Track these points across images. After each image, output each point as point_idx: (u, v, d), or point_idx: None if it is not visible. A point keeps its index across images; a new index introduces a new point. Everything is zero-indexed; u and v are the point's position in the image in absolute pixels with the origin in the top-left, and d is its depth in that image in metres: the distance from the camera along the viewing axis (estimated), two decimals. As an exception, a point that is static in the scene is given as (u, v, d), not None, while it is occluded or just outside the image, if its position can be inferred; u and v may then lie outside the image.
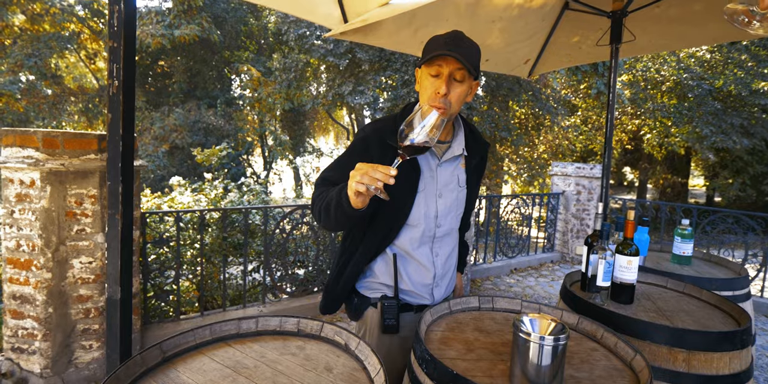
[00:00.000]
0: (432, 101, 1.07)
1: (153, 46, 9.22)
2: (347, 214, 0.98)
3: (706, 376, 1.15)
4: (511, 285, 4.27)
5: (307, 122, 13.77)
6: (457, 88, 1.07)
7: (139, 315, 2.43)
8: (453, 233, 1.28)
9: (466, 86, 1.09)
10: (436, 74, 1.06)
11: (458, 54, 1.01)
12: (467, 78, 1.07)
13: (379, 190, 0.87)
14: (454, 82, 1.06)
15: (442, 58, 1.04)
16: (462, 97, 1.09)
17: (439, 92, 1.05)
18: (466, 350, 1.00)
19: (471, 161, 1.26)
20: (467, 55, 1.04)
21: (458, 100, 1.08)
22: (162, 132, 9.78)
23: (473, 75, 1.07)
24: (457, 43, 1.04)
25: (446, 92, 1.04)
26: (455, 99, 1.07)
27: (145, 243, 2.53)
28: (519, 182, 11.17)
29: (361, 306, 1.24)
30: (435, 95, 1.06)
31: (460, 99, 1.09)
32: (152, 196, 3.74)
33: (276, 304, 3.11)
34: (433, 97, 1.06)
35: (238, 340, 0.97)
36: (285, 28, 9.05)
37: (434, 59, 1.05)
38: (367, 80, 8.43)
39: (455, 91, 1.06)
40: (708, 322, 1.31)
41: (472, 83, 1.11)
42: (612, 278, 1.42)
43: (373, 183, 0.86)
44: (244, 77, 11.49)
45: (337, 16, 2.19)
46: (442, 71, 1.05)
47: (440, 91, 1.04)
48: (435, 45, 1.06)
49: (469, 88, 1.11)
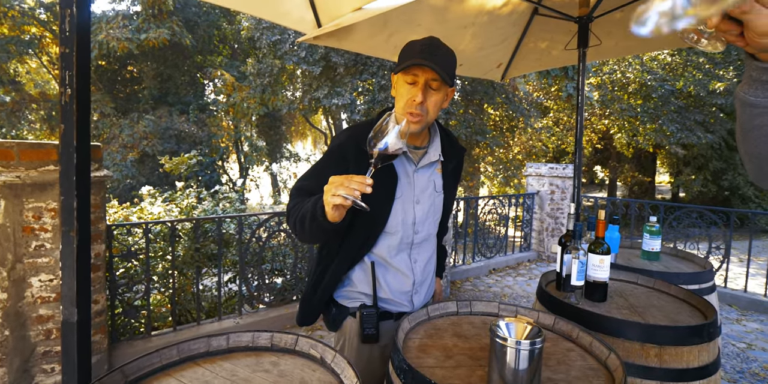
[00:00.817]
0: (408, 108, 1.06)
1: (119, 51, 8.92)
2: (323, 227, 0.96)
3: (678, 370, 1.18)
4: (491, 285, 4.32)
5: (283, 127, 13.61)
6: (433, 96, 1.07)
7: (105, 333, 2.32)
8: (431, 239, 1.28)
9: (442, 94, 1.09)
10: (413, 82, 1.06)
11: (434, 64, 1.01)
12: (443, 86, 1.07)
13: (358, 200, 0.86)
14: (430, 90, 1.06)
15: (418, 66, 1.03)
16: (438, 105, 1.09)
17: (415, 100, 1.04)
18: (445, 357, 0.99)
19: (447, 166, 1.26)
20: (443, 63, 1.04)
21: (434, 108, 1.09)
22: (131, 139, 9.45)
23: (449, 83, 1.07)
24: (433, 51, 1.03)
25: (422, 100, 1.04)
26: (431, 107, 1.07)
27: (112, 257, 2.41)
28: (495, 183, 11.37)
29: (339, 316, 1.22)
30: (411, 103, 1.05)
31: (437, 107, 1.09)
32: (120, 208, 3.60)
33: (253, 315, 3.03)
34: (410, 104, 1.06)
35: (208, 359, 0.93)
36: (258, 34, 8.93)
37: (411, 67, 1.05)
38: (344, 83, 8.41)
39: (431, 99, 1.07)
40: (677, 317, 1.35)
41: (448, 90, 1.11)
42: (585, 277, 1.44)
43: (351, 193, 0.85)
44: (218, 82, 11.27)
45: (311, 21, 2.17)
46: (419, 79, 1.05)
47: (416, 99, 1.04)
48: (411, 52, 1.05)
49: (445, 95, 1.11)
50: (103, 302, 2.32)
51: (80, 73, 0.79)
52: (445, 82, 1.05)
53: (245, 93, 9.65)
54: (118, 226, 2.51)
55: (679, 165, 12.01)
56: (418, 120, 1.07)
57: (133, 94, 11.54)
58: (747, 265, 3.91)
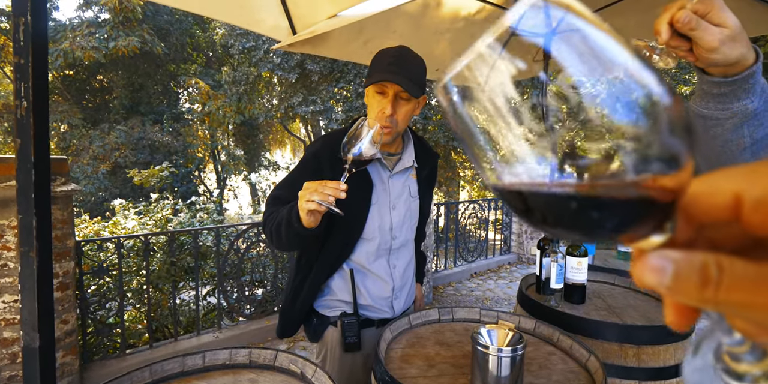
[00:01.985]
0: (379, 120, 1.08)
1: (85, 60, 8.64)
2: (299, 234, 0.96)
3: (655, 369, 1.21)
4: (472, 289, 4.34)
5: (261, 136, 13.43)
6: (403, 107, 1.08)
7: (77, 354, 2.21)
8: (409, 244, 1.28)
9: (413, 104, 1.10)
10: (382, 92, 1.07)
11: (402, 77, 1.02)
12: (413, 96, 1.08)
13: (333, 205, 0.87)
14: (400, 101, 1.07)
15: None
16: (409, 115, 1.11)
17: (385, 112, 1.06)
18: (428, 366, 0.98)
19: (422, 172, 1.28)
20: (412, 75, 1.05)
21: (404, 118, 1.10)
22: (102, 151, 9.14)
23: (418, 95, 1.08)
24: (401, 64, 1.05)
25: (392, 113, 1.06)
26: (401, 117, 1.09)
27: (82, 274, 2.31)
28: (475, 187, 11.51)
29: (320, 326, 1.21)
30: (381, 115, 1.07)
31: (407, 117, 1.11)
32: (91, 222, 3.46)
33: (233, 328, 2.95)
34: (380, 116, 1.07)
35: (183, 379, 0.89)
36: (232, 41, 8.83)
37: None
38: (319, 90, 8.39)
39: (401, 110, 1.08)
40: (654, 316, 1.38)
41: (419, 99, 1.12)
42: (564, 280, 1.46)
43: (325, 199, 0.86)
44: (192, 91, 11.06)
45: (285, 28, 2.15)
46: (387, 91, 1.06)
47: (386, 111, 1.06)
48: (380, 65, 1.07)
49: (416, 104, 1.12)
50: (73, 322, 2.21)
51: (37, 85, 0.75)
52: (414, 93, 1.06)
53: (221, 101, 9.50)
54: (88, 241, 2.41)
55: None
56: (389, 131, 1.09)
57: (104, 104, 11.19)
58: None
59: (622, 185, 0.17)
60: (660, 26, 0.54)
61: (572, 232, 0.19)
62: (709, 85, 0.59)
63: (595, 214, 0.17)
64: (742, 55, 0.54)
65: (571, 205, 0.17)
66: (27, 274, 0.76)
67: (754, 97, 0.57)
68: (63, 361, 2.15)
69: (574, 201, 0.17)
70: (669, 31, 0.54)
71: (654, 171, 0.16)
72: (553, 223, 0.19)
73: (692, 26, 0.52)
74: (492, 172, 0.19)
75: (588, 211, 0.17)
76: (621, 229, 0.18)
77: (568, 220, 0.18)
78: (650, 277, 0.17)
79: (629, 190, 0.17)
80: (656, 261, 0.17)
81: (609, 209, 0.17)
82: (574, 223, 0.18)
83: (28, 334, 0.79)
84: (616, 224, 0.18)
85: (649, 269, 0.17)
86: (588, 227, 0.18)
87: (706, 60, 0.55)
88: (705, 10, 0.52)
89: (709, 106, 0.60)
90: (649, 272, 0.17)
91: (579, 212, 0.17)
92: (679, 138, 0.17)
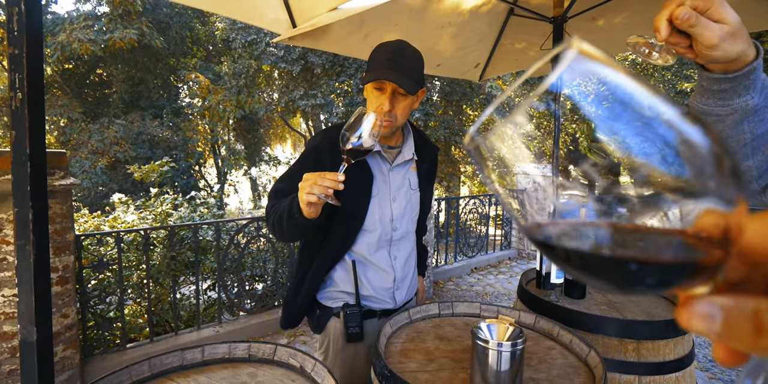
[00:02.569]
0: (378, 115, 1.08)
1: (82, 53, 8.58)
2: (300, 224, 0.98)
3: (655, 364, 1.20)
4: (473, 284, 4.35)
5: (261, 130, 13.39)
6: (401, 102, 1.09)
7: (77, 348, 2.22)
8: (410, 236, 1.29)
9: (411, 99, 1.11)
10: (380, 88, 1.08)
11: (398, 75, 1.03)
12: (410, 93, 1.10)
13: (330, 197, 0.88)
14: (398, 97, 1.09)
15: None
16: (407, 110, 1.12)
17: (383, 108, 1.07)
18: (427, 361, 0.98)
19: (422, 165, 1.29)
20: (409, 71, 1.06)
21: (403, 113, 1.11)
22: (101, 145, 9.11)
23: (415, 91, 1.09)
24: (398, 59, 1.06)
25: (390, 108, 1.07)
26: (400, 112, 1.10)
27: (81, 268, 2.31)
28: (475, 183, 11.49)
29: (323, 317, 1.22)
30: (380, 110, 1.08)
31: (405, 112, 1.12)
32: (91, 217, 3.46)
33: (234, 322, 2.95)
34: (379, 112, 1.08)
35: (182, 373, 0.89)
36: (233, 34, 8.77)
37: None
38: (320, 85, 8.34)
39: (399, 105, 1.09)
40: (654, 311, 1.38)
41: (418, 93, 1.13)
42: (564, 274, 1.46)
43: (323, 191, 0.88)
44: (192, 85, 11.00)
45: (286, 21, 2.13)
46: (386, 87, 1.07)
47: (384, 107, 1.07)
48: (377, 61, 1.08)
49: (415, 98, 1.13)
50: (73, 316, 2.22)
51: (31, 76, 0.74)
52: (412, 90, 1.07)
53: (221, 95, 9.46)
54: (88, 235, 2.40)
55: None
56: (388, 125, 1.10)
57: (103, 98, 11.13)
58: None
59: (672, 232, 0.16)
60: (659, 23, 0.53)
61: (614, 289, 0.18)
62: (709, 81, 0.58)
63: (643, 276, 0.16)
64: (742, 52, 0.53)
65: (612, 266, 0.16)
66: (24, 267, 0.75)
67: (755, 93, 0.56)
68: (63, 355, 2.16)
69: (617, 263, 0.16)
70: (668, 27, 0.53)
71: (704, 222, 0.15)
72: (595, 281, 0.18)
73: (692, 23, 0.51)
74: (526, 217, 0.19)
75: (637, 274, 0.16)
76: (667, 287, 0.17)
77: (608, 278, 0.17)
78: (698, 325, 0.16)
79: (679, 241, 0.16)
80: (704, 308, 0.16)
81: (658, 272, 0.16)
82: (616, 283, 0.17)
83: (25, 327, 0.78)
84: (663, 283, 0.17)
85: (697, 316, 0.16)
86: (635, 287, 0.17)
87: (705, 57, 0.54)
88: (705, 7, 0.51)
89: (709, 102, 0.59)
90: (696, 319, 0.16)
91: (624, 274, 0.16)
92: (727, 181, 0.16)
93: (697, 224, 0.16)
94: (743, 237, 0.17)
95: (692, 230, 0.16)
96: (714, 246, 0.16)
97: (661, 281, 0.17)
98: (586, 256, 0.17)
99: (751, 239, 0.17)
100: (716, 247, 0.16)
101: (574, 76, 0.17)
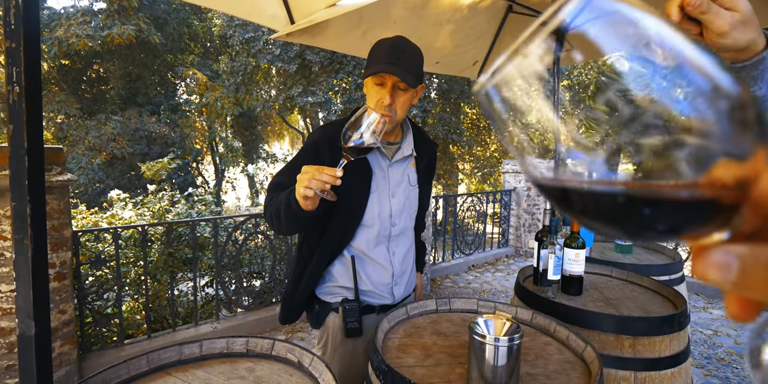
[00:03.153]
0: (378, 110, 1.10)
1: (80, 48, 8.52)
2: (298, 216, 0.99)
3: (651, 359, 1.21)
4: (470, 281, 4.36)
5: (259, 127, 13.35)
6: (401, 96, 1.10)
7: (75, 344, 2.22)
8: (408, 232, 1.30)
9: (410, 94, 1.12)
10: (380, 83, 1.09)
11: (399, 69, 1.04)
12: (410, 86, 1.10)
13: (327, 192, 0.89)
14: (398, 91, 1.09)
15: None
16: (407, 104, 1.13)
17: (383, 102, 1.08)
18: (425, 356, 0.98)
19: (421, 161, 1.29)
20: (409, 66, 1.07)
21: (403, 108, 1.12)
22: (98, 142, 9.06)
23: (416, 85, 1.10)
24: (398, 55, 1.06)
25: (390, 102, 1.08)
26: (400, 107, 1.11)
27: (79, 265, 2.31)
28: (473, 181, 11.51)
29: (322, 313, 1.23)
30: (380, 105, 1.09)
31: (405, 106, 1.12)
32: (89, 213, 3.45)
33: (231, 319, 2.96)
34: (379, 106, 1.09)
35: (181, 368, 0.89)
36: (231, 31, 8.72)
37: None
38: (319, 82, 8.32)
39: (399, 99, 1.10)
40: (650, 308, 1.39)
41: (416, 89, 1.14)
42: (562, 271, 1.47)
43: (320, 186, 0.89)
44: (190, 82, 10.95)
45: (284, 18, 2.13)
46: (386, 82, 1.08)
47: (384, 101, 1.07)
48: (377, 56, 1.08)
49: (414, 93, 1.14)
50: (71, 312, 2.21)
51: (29, 70, 0.74)
52: (412, 83, 1.07)
53: (218, 92, 9.42)
54: (86, 232, 2.40)
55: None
56: (388, 119, 1.10)
57: (100, 94, 11.07)
58: (712, 254, 4.09)
59: (685, 185, 0.15)
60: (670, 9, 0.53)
61: (626, 234, 0.18)
62: None
63: (655, 217, 0.16)
64: (752, 40, 0.53)
65: (623, 205, 0.16)
66: (22, 261, 0.75)
67: (763, 85, 0.57)
68: (61, 351, 2.16)
69: (629, 201, 0.16)
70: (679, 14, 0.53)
71: (722, 167, 0.15)
72: (604, 224, 0.17)
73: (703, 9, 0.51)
74: (535, 168, 0.18)
75: (648, 213, 0.16)
76: (683, 231, 0.17)
77: (618, 220, 0.17)
78: (714, 274, 0.16)
79: (693, 190, 0.15)
80: (720, 257, 0.16)
81: (672, 212, 0.16)
82: (628, 225, 0.17)
83: (24, 322, 0.78)
84: (678, 226, 0.16)
85: (713, 266, 0.16)
86: (651, 230, 0.16)
87: (715, 45, 0.54)
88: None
89: None
90: (712, 269, 0.16)
91: (634, 213, 0.16)
92: (749, 129, 0.15)
93: (715, 171, 0.15)
94: (759, 185, 0.16)
95: (709, 177, 0.15)
96: (730, 190, 0.16)
97: (674, 224, 0.16)
98: (599, 197, 0.16)
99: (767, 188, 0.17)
100: (732, 191, 0.16)
101: (590, 11, 0.16)
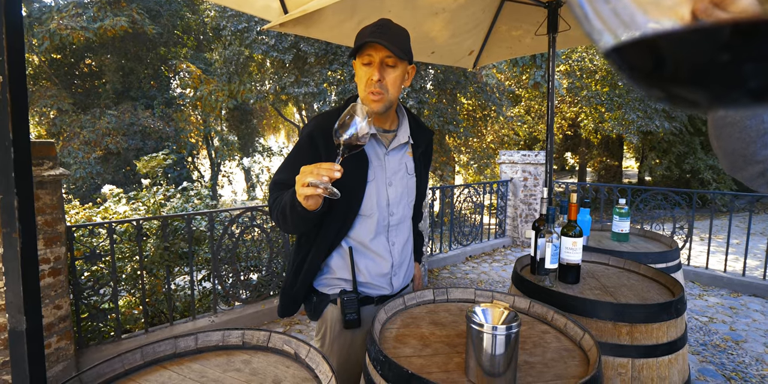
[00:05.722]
0: (368, 88, 1.08)
1: (74, 41, 8.38)
2: (303, 217, 0.98)
3: (648, 346, 1.22)
4: (467, 272, 4.38)
5: (255, 121, 13.25)
6: (390, 73, 1.08)
7: (71, 339, 2.21)
8: (406, 221, 1.29)
9: (401, 71, 1.10)
10: (368, 62, 1.07)
11: (384, 40, 1.02)
12: (400, 63, 1.09)
13: (329, 191, 0.87)
14: (387, 68, 1.07)
15: (370, 46, 1.05)
16: (398, 82, 1.10)
17: (372, 79, 1.06)
18: (422, 346, 0.98)
19: (417, 149, 1.28)
20: (395, 40, 1.05)
21: (394, 85, 1.09)
22: (93, 136, 8.97)
23: (405, 59, 1.08)
24: (383, 30, 1.05)
25: (380, 78, 1.06)
26: (390, 83, 1.08)
27: (74, 260, 2.29)
28: (470, 172, 11.50)
29: (320, 304, 1.22)
30: (369, 82, 1.07)
31: (396, 84, 1.10)
32: (82, 208, 3.42)
33: (229, 312, 2.96)
34: (369, 84, 1.07)
35: (176, 361, 0.88)
36: (224, 22, 8.59)
37: (364, 48, 1.06)
38: (313, 73, 8.23)
39: (389, 76, 1.08)
40: (647, 295, 1.39)
41: (407, 67, 1.12)
42: (559, 260, 1.46)
43: (319, 178, 0.87)
44: (184, 75, 10.80)
45: (277, 8, 2.09)
46: (373, 59, 1.06)
47: (373, 77, 1.06)
48: (362, 35, 1.07)
49: (404, 72, 1.12)
50: (66, 307, 2.20)
51: (13, 59, 0.71)
52: (400, 58, 1.06)
53: (213, 86, 9.31)
54: (80, 226, 2.38)
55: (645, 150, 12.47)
56: (380, 98, 1.08)
57: (93, 88, 10.91)
58: (708, 243, 4.12)
59: None
60: None
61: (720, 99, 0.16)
62: None
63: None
64: None
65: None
66: (11, 255, 0.73)
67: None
68: (58, 346, 2.15)
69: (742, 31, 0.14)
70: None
71: None
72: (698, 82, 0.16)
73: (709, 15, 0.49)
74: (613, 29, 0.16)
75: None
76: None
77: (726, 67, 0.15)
78: None
79: None
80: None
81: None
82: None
83: (14, 316, 0.77)
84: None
85: None
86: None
87: None
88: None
89: None
90: None
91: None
92: None
93: None
94: None
95: None
96: None
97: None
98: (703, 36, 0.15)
99: None
100: None
101: None
